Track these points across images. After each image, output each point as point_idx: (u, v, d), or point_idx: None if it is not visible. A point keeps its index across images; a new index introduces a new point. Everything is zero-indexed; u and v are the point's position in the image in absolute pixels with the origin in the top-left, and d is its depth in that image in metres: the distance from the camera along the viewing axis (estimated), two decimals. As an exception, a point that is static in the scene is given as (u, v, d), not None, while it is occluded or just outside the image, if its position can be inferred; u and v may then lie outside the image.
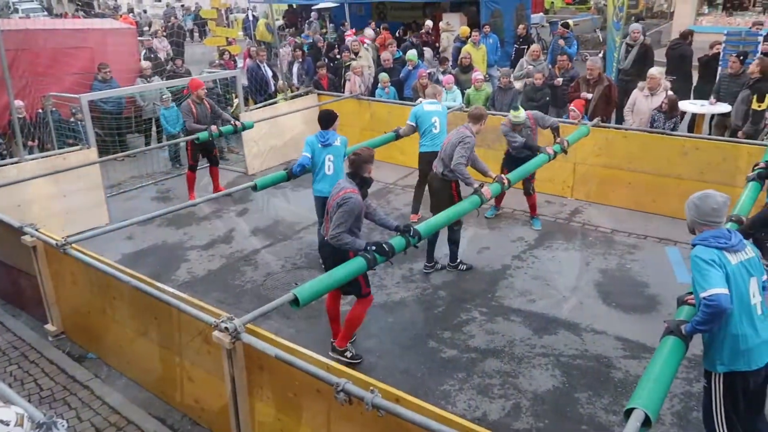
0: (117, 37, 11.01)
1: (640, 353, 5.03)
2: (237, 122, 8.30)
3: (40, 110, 9.12)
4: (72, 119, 9.47)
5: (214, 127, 7.95)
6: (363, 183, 4.73)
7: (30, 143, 8.76)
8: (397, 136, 7.43)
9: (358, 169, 4.72)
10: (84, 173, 7.56)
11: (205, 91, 8.19)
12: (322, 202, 5.95)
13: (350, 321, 5.00)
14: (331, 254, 4.70)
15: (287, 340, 3.56)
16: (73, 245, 4.77)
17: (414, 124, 7.19)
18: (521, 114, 6.88)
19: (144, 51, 12.70)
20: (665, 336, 3.31)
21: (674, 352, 3.20)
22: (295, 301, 3.84)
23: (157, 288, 4.10)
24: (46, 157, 7.54)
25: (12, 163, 7.21)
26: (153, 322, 4.35)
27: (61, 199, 7.46)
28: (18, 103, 8.30)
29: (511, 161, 7.00)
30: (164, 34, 17.12)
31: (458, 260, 6.49)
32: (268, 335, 3.53)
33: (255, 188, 6.00)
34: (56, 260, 5.16)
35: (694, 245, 3.32)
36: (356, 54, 11.72)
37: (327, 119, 6.09)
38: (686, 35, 10.54)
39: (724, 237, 3.27)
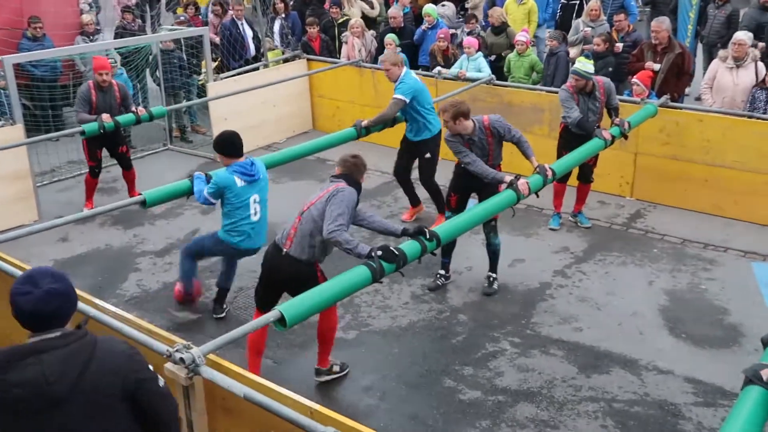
0: (52, -17, 11.02)
1: (716, 399, 5.00)
2: (140, 109, 7.86)
3: (-47, 75, 9.14)
4: (-7, 87, 9.49)
5: (105, 116, 7.39)
6: (357, 188, 4.87)
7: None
8: (359, 133, 7.13)
9: (358, 173, 4.92)
10: (7, 157, 7.56)
11: (106, 75, 7.66)
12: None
13: (323, 336, 5.13)
14: (293, 276, 4.76)
15: (261, 375, 3.53)
16: (-9, 248, 4.76)
17: (407, 101, 7.04)
18: (591, 64, 6.91)
19: None
20: (746, 387, 3.24)
21: (758, 408, 3.12)
22: (281, 321, 3.83)
23: (95, 306, 4.08)
24: (-42, 135, 7.56)
25: None
26: (90, 349, 4.32)
27: (-24, 189, 7.48)
28: (-75, 66, 8.31)
29: (572, 141, 6.88)
30: None
31: (495, 276, 6.47)
32: (235, 369, 3.50)
33: (144, 205, 5.54)
34: (-31, 267, 5.15)
35: None
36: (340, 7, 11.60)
37: (239, 143, 5.69)
38: None
39: None
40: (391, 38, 10.11)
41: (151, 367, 2.76)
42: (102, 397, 2.59)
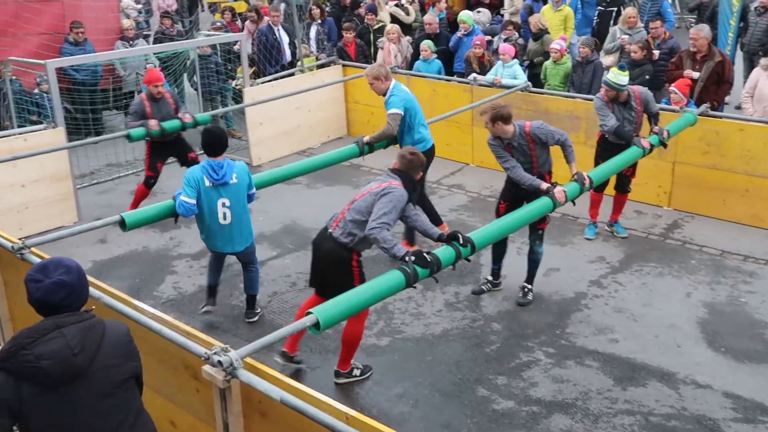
0: (94, -11, 11.24)
1: (756, 415, 4.90)
2: (186, 115, 7.77)
3: (-2, 78, 9.37)
4: (36, 90, 9.70)
5: (153, 122, 7.44)
6: (411, 186, 4.91)
7: (-17, 120, 9.01)
8: (362, 151, 6.84)
9: (414, 170, 4.98)
10: (48, 159, 7.74)
11: (161, 87, 7.61)
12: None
13: (348, 341, 5.15)
14: (330, 256, 4.89)
15: (297, 379, 3.56)
16: (33, 249, 4.84)
17: (402, 113, 6.60)
18: (625, 77, 6.69)
19: None
20: None
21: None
22: (316, 325, 3.90)
23: (134, 307, 4.14)
24: (3, 137, 7.73)
25: (-38, 144, 7.43)
26: (128, 350, 4.39)
27: (19, 190, 7.65)
28: (-29, 70, 8.54)
29: (609, 151, 6.83)
30: None
31: (530, 287, 6.43)
32: (272, 373, 3.53)
33: (123, 226, 5.27)
34: (11, 267, 5.25)
35: None
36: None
37: (217, 142, 5.60)
38: None
39: None
40: (426, 44, 10.14)
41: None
42: (113, 374, 2.82)
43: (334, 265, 4.92)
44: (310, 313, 3.97)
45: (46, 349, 2.65)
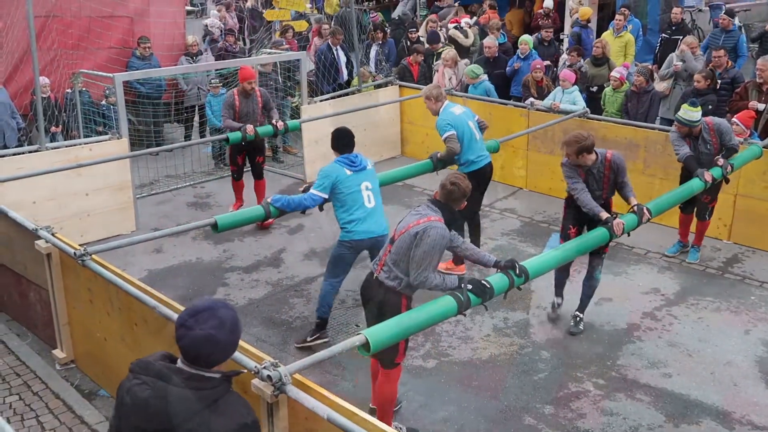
0: (161, 5, 11.58)
1: (816, 462, 4.72)
2: (279, 122, 8.25)
3: (69, 90, 9.72)
4: (103, 102, 10.03)
5: (249, 127, 7.88)
6: (452, 218, 4.68)
7: (53, 129, 9.35)
8: (435, 166, 7.00)
9: (454, 201, 4.66)
10: (111, 168, 7.99)
11: (254, 84, 8.23)
12: (368, 246, 5.80)
13: (382, 403, 4.89)
14: (379, 300, 4.62)
15: (343, 397, 3.57)
16: (94, 256, 5.01)
17: (454, 132, 6.73)
18: (697, 112, 6.71)
19: None
20: None
21: None
22: (365, 346, 3.92)
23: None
24: (70, 146, 8.01)
25: (31, 152, 7.71)
26: (180, 359, 4.47)
27: (82, 197, 7.90)
28: (43, 80, 8.88)
29: (689, 179, 6.79)
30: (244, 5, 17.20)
31: (582, 316, 6.34)
32: (319, 390, 3.56)
33: (215, 228, 5.72)
34: (72, 273, 5.44)
35: None
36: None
37: (350, 139, 6.00)
38: None
39: None
40: (467, 71, 9.96)
41: None
42: None
43: (383, 310, 4.57)
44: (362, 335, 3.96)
45: (134, 389, 2.54)
